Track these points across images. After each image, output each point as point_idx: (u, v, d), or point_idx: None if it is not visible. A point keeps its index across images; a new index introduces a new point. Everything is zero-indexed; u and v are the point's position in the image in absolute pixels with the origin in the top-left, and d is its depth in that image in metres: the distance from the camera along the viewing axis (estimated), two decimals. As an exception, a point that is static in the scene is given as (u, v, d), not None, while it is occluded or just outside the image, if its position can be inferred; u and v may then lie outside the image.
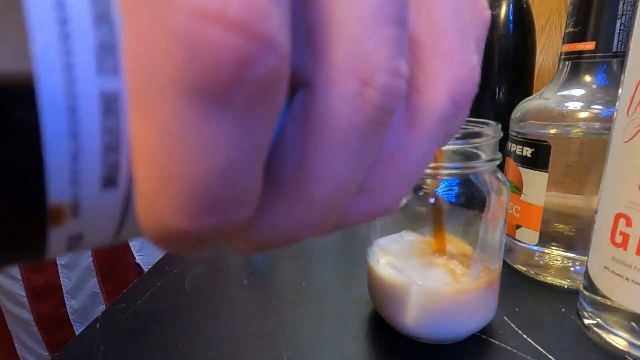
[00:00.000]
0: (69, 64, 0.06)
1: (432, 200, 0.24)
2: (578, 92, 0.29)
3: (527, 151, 0.30)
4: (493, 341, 0.25)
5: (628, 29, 0.26)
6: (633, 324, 0.23)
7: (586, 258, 0.26)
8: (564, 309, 0.28)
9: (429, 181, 0.24)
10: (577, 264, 0.29)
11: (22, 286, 0.45)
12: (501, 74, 0.44)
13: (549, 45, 0.81)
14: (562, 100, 0.29)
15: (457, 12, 0.09)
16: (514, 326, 0.26)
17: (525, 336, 0.25)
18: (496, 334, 0.25)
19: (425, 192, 0.24)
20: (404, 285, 0.23)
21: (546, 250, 0.30)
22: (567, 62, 0.30)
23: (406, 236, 0.27)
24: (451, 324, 0.24)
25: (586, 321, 0.26)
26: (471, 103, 0.10)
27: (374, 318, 0.28)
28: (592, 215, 0.26)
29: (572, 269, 0.30)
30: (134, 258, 0.51)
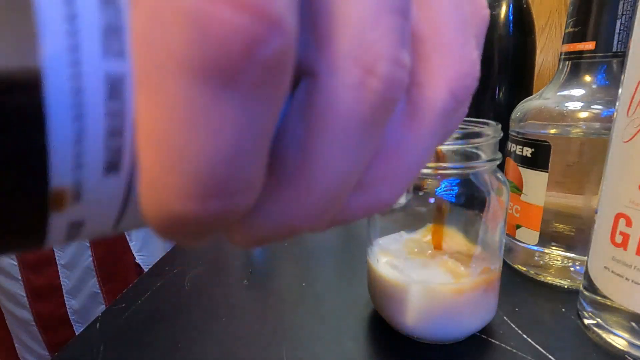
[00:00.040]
0: (74, 45, 0.06)
1: (432, 200, 0.24)
2: (578, 92, 0.29)
3: (527, 151, 0.30)
4: (493, 341, 0.25)
5: (628, 29, 0.26)
6: (633, 324, 0.23)
7: (586, 258, 0.26)
8: (564, 309, 0.28)
9: (429, 181, 0.24)
10: (577, 264, 0.29)
11: (22, 286, 0.46)
12: (501, 74, 0.44)
13: (549, 45, 0.81)
14: (562, 100, 0.29)
15: (458, 8, 0.09)
16: (514, 326, 0.26)
17: (525, 336, 0.25)
18: (496, 334, 0.25)
19: (425, 192, 0.24)
20: (404, 285, 0.23)
21: (546, 250, 0.30)
22: (567, 62, 0.30)
23: (406, 236, 0.27)
24: (451, 324, 0.24)
25: (586, 321, 0.26)
26: (471, 98, 0.10)
27: (374, 318, 0.28)
28: (592, 215, 0.26)
29: (572, 269, 0.30)
30: (134, 258, 0.51)
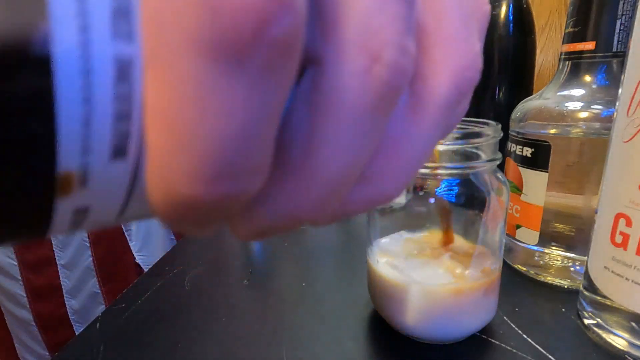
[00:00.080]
0: (84, 26, 0.06)
1: (432, 200, 0.24)
2: (578, 92, 0.29)
3: (527, 151, 0.30)
4: (493, 341, 0.25)
5: (628, 29, 0.26)
6: (633, 324, 0.23)
7: (586, 258, 0.26)
8: (564, 309, 0.28)
9: (429, 181, 0.24)
10: (577, 264, 0.29)
11: (22, 286, 0.45)
12: (501, 74, 0.44)
13: (549, 45, 0.81)
14: (562, 100, 0.29)
15: (461, 1, 0.09)
16: (514, 326, 0.26)
17: (525, 336, 0.25)
18: (496, 334, 0.25)
19: (425, 192, 0.24)
20: (403, 285, 0.23)
21: (546, 250, 0.30)
22: (567, 62, 0.30)
23: (406, 236, 0.27)
24: (451, 324, 0.24)
25: (586, 321, 0.26)
26: (472, 91, 0.10)
27: (374, 318, 0.28)
28: (592, 215, 0.26)
29: (572, 269, 0.30)
30: (134, 258, 0.51)
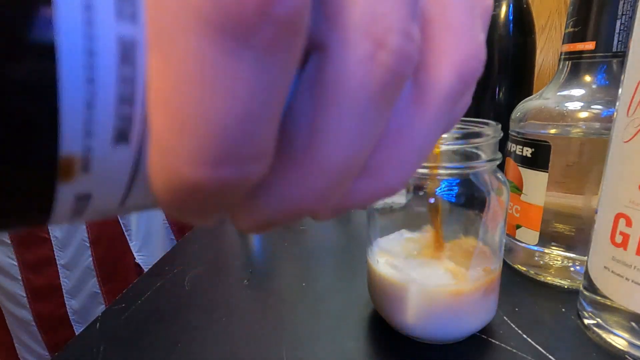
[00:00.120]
0: (88, 5, 0.06)
1: (432, 200, 0.24)
2: (578, 92, 0.29)
3: (527, 151, 0.30)
4: (493, 341, 0.25)
5: (628, 29, 0.26)
6: (633, 324, 0.23)
7: (586, 258, 0.26)
8: (564, 309, 0.28)
9: (429, 181, 0.24)
10: (577, 264, 0.29)
11: (22, 286, 0.45)
12: (501, 74, 0.44)
13: (549, 45, 0.81)
14: (562, 100, 0.29)
15: None
16: (514, 326, 0.26)
17: (525, 336, 0.25)
18: (496, 334, 0.25)
19: (425, 192, 0.24)
20: (403, 285, 0.23)
21: (546, 250, 0.30)
22: (567, 62, 0.30)
23: (406, 236, 0.27)
24: (451, 324, 0.24)
25: (586, 321, 0.26)
26: (476, 83, 0.10)
27: (374, 318, 0.28)
28: (592, 215, 0.26)
29: (572, 269, 0.30)
30: (134, 258, 0.51)
